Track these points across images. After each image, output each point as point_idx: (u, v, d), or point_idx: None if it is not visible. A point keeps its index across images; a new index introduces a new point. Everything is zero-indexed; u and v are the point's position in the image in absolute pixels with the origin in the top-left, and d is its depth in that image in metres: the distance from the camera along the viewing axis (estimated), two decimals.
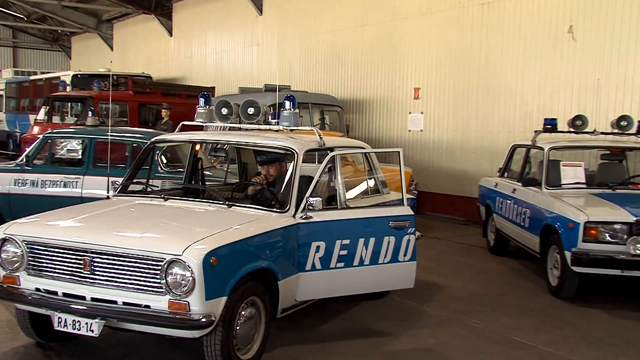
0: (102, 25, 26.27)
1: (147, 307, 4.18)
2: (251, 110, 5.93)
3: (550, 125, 7.97)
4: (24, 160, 8.36)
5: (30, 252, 4.50)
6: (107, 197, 5.61)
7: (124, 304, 4.23)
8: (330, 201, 5.56)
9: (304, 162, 5.26)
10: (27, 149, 8.73)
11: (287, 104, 5.60)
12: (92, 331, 4.23)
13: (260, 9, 17.19)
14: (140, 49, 24.14)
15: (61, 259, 4.42)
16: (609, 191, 7.12)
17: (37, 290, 4.47)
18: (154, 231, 4.60)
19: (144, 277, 4.19)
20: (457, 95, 11.82)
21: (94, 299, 4.29)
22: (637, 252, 6.14)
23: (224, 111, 6.06)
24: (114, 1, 22.35)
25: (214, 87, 16.47)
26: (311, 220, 4.99)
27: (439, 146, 12.21)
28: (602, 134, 7.86)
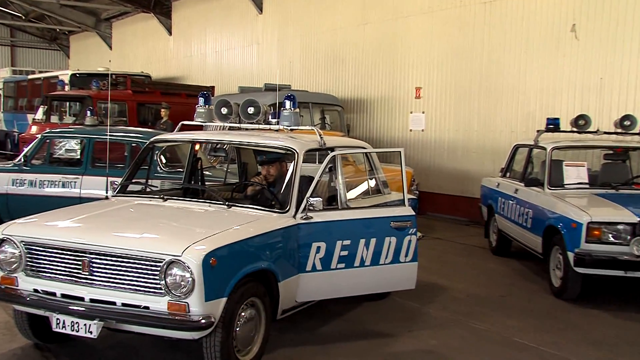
0: (101, 24, 26.22)
1: (146, 308, 4.15)
2: (251, 109, 5.92)
3: (552, 124, 7.94)
4: (22, 160, 8.32)
5: (28, 253, 4.48)
6: (106, 198, 5.59)
7: (123, 305, 4.21)
8: (330, 201, 5.55)
9: (304, 162, 5.24)
10: (25, 149, 8.67)
11: (287, 103, 5.58)
12: (90, 332, 4.21)
13: (260, 8, 17.15)
14: (139, 48, 24.09)
15: (59, 260, 4.39)
16: (612, 191, 7.08)
17: (35, 291, 4.44)
18: (153, 232, 4.58)
19: (143, 278, 4.17)
20: (459, 94, 11.77)
21: (92, 300, 4.27)
22: None
23: (224, 111, 6.04)
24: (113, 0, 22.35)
25: (213, 87, 16.43)
26: (312, 220, 4.97)
27: (441, 146, 12.16)
28: (605, 133, 7.83)
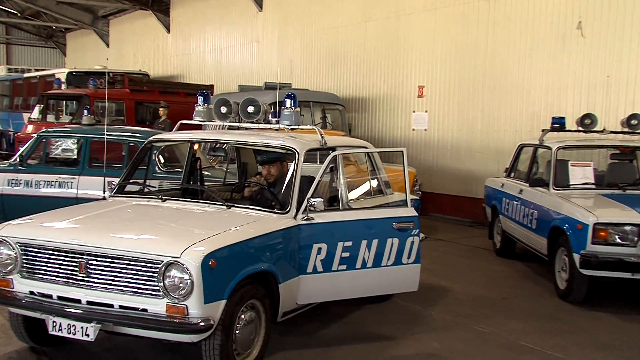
0: (98, 21, 26.15)
1: (144, 310, 4.12)
2: (251, 108, 5.87)
3: (558, 124, 7.88)
4: (18, 160, 8.27)
5: (24, 254, 4.44)
6: (103, 198, 5.56)
7: (121, 307, 4.17)
8: (332, 202, 5.51)
9: (305, 162, 5.20)
10: (21, 149, 8.65)
11: (287, 102, 5.54)
12: (87, 335, 4.18)
13: (260, 5, 17.09)
14: (137, 46, 24.03)
15: (56, 262, 4.36)
16: (619, 192, 7.02)
17: (31, 293, 4.41)
18: (151, 233, 4.55)
19: (141, 280, 4.13)
20: (463, 93, 11.70)
21: (89, 303, 4.23)
22: None
23: (223, 110, 6.00)
24: None
25: (212, 85, 16.36)
26: (312, 221, 4.94)
27: (444, 146, 12.09)
28: (612, 133, 7.76)
